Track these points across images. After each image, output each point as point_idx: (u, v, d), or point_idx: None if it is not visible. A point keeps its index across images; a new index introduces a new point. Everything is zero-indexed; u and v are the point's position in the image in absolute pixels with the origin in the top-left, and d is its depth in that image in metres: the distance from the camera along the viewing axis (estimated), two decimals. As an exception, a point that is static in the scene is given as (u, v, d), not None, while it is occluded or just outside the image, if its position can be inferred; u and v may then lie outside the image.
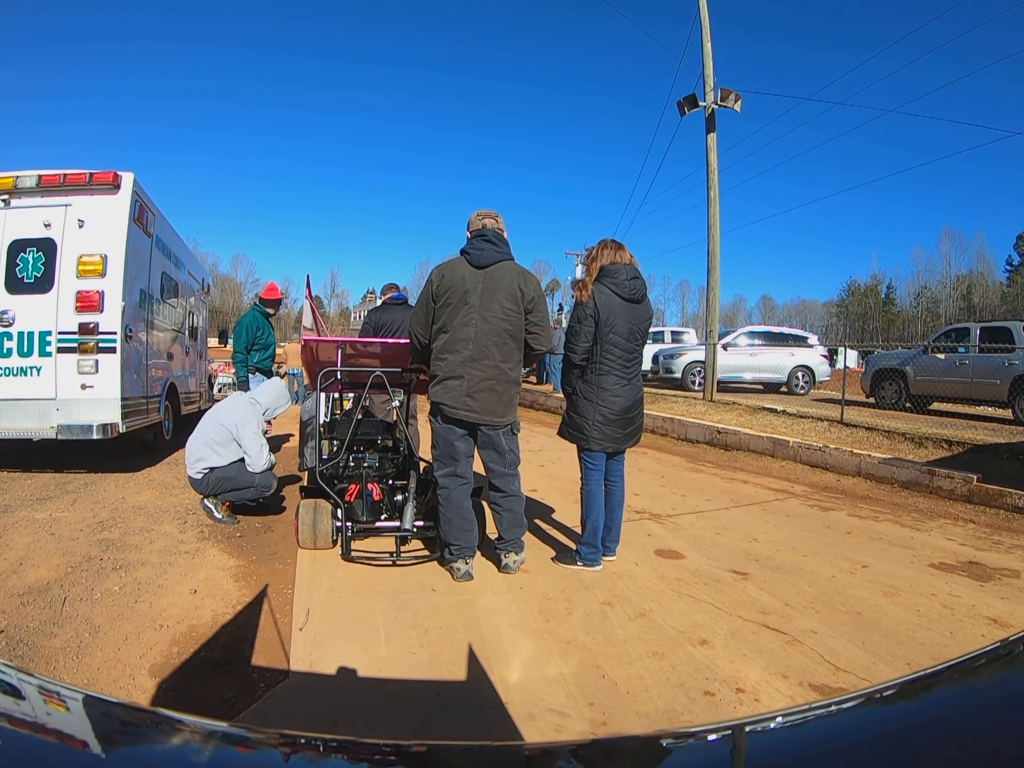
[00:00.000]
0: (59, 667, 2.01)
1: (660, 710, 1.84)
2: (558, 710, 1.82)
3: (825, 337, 38.74)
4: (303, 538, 3.21)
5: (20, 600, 2.50)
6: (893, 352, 10.46)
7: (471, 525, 2.97)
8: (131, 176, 5.06)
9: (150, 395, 5.72)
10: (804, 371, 12.56)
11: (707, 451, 7.39)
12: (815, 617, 2.57)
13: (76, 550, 3.13)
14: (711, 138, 10.16)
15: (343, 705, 1.85)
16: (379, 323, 5.09)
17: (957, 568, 3.27)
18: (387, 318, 5.11)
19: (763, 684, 2.00)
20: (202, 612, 2.48)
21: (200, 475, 3.70)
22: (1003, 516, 4.42)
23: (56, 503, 4.08)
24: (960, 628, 2.49)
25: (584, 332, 3.00)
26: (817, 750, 0.43)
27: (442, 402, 2.87)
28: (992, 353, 8.08)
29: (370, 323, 5.18)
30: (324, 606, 2.56)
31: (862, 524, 4.18)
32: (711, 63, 10.13)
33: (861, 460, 5.77)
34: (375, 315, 5.25)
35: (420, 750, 0.51)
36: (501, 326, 2.85)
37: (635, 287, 3.05)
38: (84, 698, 0.52)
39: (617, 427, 3.05)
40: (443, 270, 2.91)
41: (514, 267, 2.93)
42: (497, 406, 2.87)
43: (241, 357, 5.74)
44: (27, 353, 4.76)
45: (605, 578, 2.98)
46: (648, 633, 2.38)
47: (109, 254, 4.87)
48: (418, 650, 2.19)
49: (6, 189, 4.81)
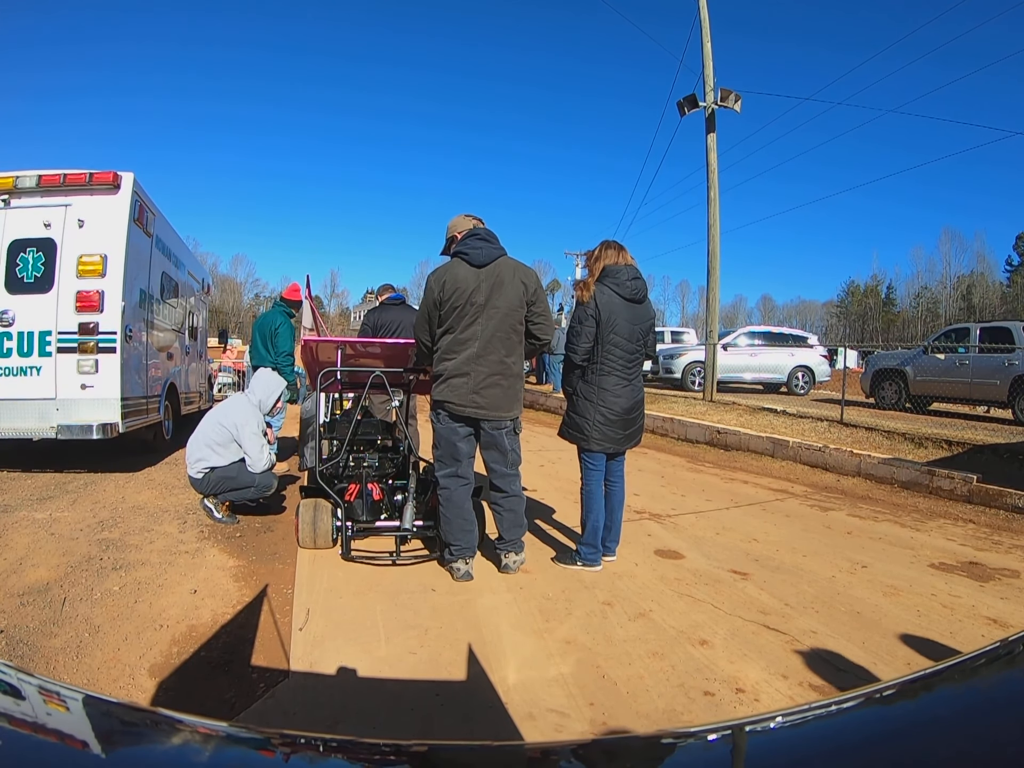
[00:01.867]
0: (59, 667, 2.01)
1: (660, 710, 1.84)
2: (558, 710, 1.82)
3: (825, 337, 38.79)
4: (303, 537, 3.22)
5: (20, 600, 2.50)
6: (893, 352, 10.46)
7: (471, 525, 2.97)
8: (131, 176, 5.06)
9: (150, 395, 5.72)
10: (804, 371, 12.57)
11: (707, 451, 7.39)
12: (815, 617, 2.57)
13: (76, 550, 3.13)
14: (711, 138, 10.17)
15: (343, 705, 1.85)
16: (377, 323, 5.10)
17: (957, 568, 3.27)
18: (386, 318, 5.12)
19: (763, 684, 2.00)
20: (202, 612, 2.48)
21: (200, 475, 3.70)
22: (1003, 516, 4.42)
23: (56, 503, 4.08)
24: (960, 628, 2.49)
25: (585, 332, 3.00)
26: (817, 750, 0.43)
27: (448, 400, 2.86)
28: (992, 353, 8.08)
29: (368, 324, 5.19)
30: (324, 606, 2.56)
31: (862, 524, 4.18)
32: (711, 63, 10.13)
33: (861, 460, 5.77)
34: (373, 316, 5.26)
35: (420, 750, 0.51)
36: (506, 322, 2.86)
37: (636, 287, 3.06)
38: (84, 698, 0.52)
39: (618, 428, 3.05)
40: (443, 276, 2.87)
41: (512, 262, 2.93)
42: (504, 401, 2.87)
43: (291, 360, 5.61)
44: (27, 353, 4.76)
45: (605, 578, 2.98)
46: (648, 633, 2.38)
47: (109, 254, 4.87)
48: (418, 650, 2.19)
49: (6, 189, 4.81)
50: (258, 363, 5.49)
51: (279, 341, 5.52)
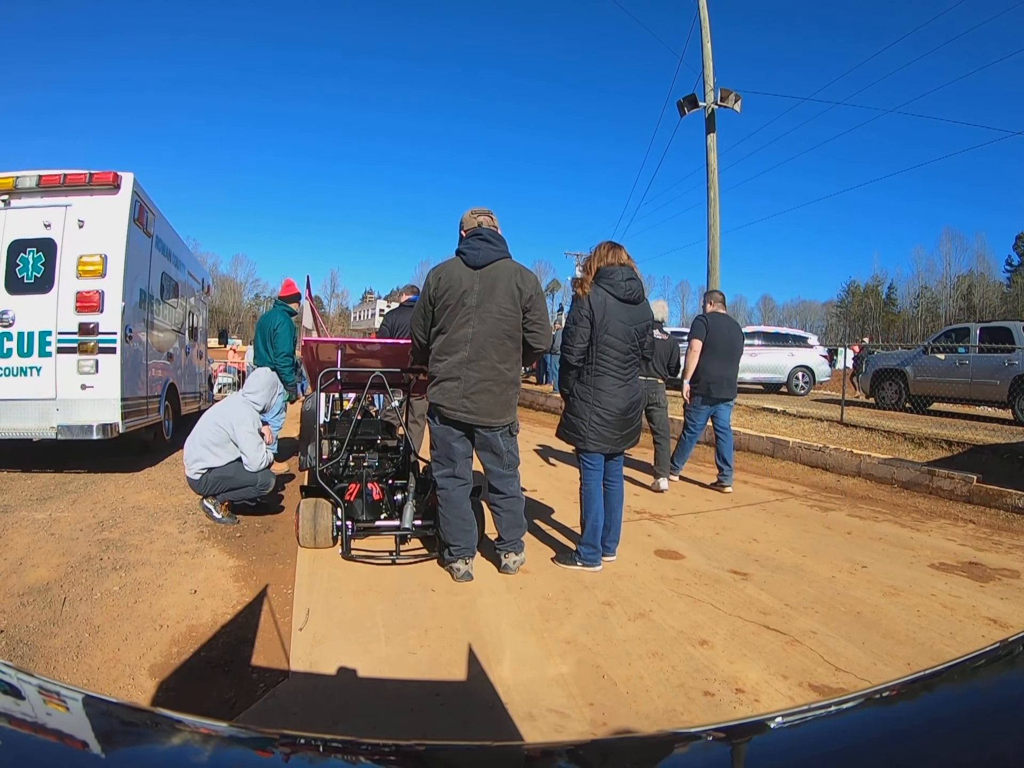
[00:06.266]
0: (59, 667, 2.01)
1: (660, 710, 1.84)
2: (558, 710, 1.82)
3: (825, 337, 38.74)
4: (303, 537, 3.22)
5: (20, 600, 2.50)
6: (893, 352, 10.46)
7: (470, 526, 2.96)
8: (131, 176, 5.06)
9: (150, 395, 5.72)
10: (804, 371, 12.56)
11: (707, 451, 7.38)
12: (815, 617, 2.57)
13: (76, 550, 3.13)
14: (711, 138, 10.17)
15: (343, 705, 1.85)
16: (395, 325, 5.27)
17: (957, 568, 3.27)
18: (402, 320, 5.25)
19: (763, 684, 2.00)
20: (202, 612, 2.48)
21: (198, 476, 3.70)
22: (1003, 516, 4.42)
23: (56, 503, 4.08)
24: (960, 628, 2.49)
25: (580, 333, 3.01)
26: (817, 750, 0.43)
27: (440, 403, 2.86)
28: (992, 353, 8.08)
29: (387, 324, 5.40)
30: (324, 606, 2.56)
31: (862, 524, 4.18)
32: (711, 63, 10.14)
33: (861, 460, 5.77)
34: (391, 317, 5.47)
35: (420, 750, 0.51)
36: (499, 327, 2.83)
37: (631, 288, 3.05)
38: (84, 698, 0.52)
39: (614, 428, 3.05)
40: (439, 272, 2.88)
41: (512, 265, 2.91)
42: (495, 407, 2.85)
43: (290, 360, 5.59)
44: (27, 353, 4.76)
45: (605, 578, 2.98)
46: (648, 633, 2.38)
47: (109, 254, 4.87)
48: (418, 650, 2.19)
49: (6, 189, 4.81)
50: (259, 363, 5.49)
51: (278, 341, 5.51)
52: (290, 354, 5.58)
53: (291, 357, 5.60)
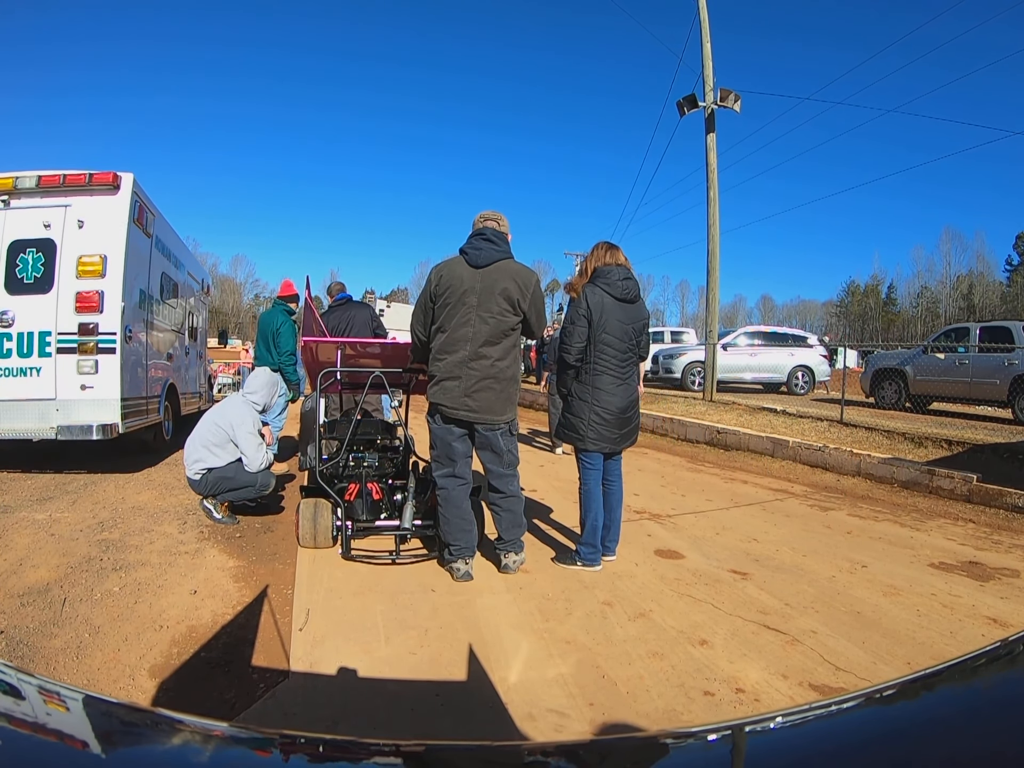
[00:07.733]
0: (59, 668, 2.01)
1: (660, 710, 1.84)
2: (558, 710, 1.82)
3: (825, 337, 38.75)
4: (303, 537, 3.22)
5: (20, 601, 2.50)
6: (893, 352, 10.46)
7: (470, 525, 2.97)
8: (131, 176, 5.06)
9: (150, 395, 5.72)
10: (804, 371, 12.57)
11: (707, 451, 7.39)
12: (815, 617, 2.57)
13: (76, 551, 3.13)
14: (711, 138, 10.17)
15: (343, 705, 1.85)
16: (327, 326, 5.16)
17: (957, 568, 3.27)
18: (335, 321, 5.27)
19: (763, 684, 2.00)
20: (202, 612, 2.48)
21: (198, 476, 3.70)
22: (1003, 516, 4.42)
23: (56, 503, 4.08)
24: (960, 628, 2.49)
25: (577, 332, 3.02)
26: (817, 750, 0.43)
27: (441, 403, 2.87)
28: (992, 353, 8.08)
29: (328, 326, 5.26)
30: (324, 606, 2.56)
31: (862, 524, 4.18)
32: (711, 63, 10.13)
33: (861, 460, 5.77)
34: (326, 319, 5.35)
35: (420, 750, 0.51)
36: (498, 326, 2.85)
37: (627, 287, 3.07)
38: (84, 698, 0.52)
39: (613, 427, 3.06)
40: (441, 270, 2.90)
41: (513, 265, 2.92)
42: (496, 404, 2.86)
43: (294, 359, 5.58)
44: (27, 354, 4.76)
45: (605, 578, 2.98)
46: (648, 633, 2.38)
47: (109, 255, 4.87)
48: (418, 650, 2.19)
49: (6, 190, 4.80)
50: (261, 364, 5.49)
51: (281, 341, 5.52)
52: (293, 352, 5.59)
53: (294, 356, 5.61)
